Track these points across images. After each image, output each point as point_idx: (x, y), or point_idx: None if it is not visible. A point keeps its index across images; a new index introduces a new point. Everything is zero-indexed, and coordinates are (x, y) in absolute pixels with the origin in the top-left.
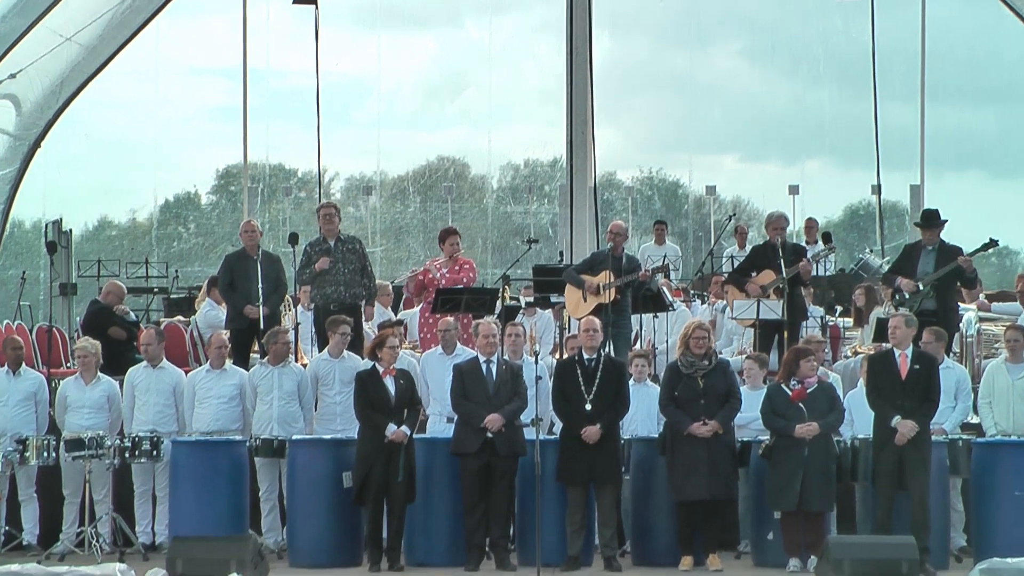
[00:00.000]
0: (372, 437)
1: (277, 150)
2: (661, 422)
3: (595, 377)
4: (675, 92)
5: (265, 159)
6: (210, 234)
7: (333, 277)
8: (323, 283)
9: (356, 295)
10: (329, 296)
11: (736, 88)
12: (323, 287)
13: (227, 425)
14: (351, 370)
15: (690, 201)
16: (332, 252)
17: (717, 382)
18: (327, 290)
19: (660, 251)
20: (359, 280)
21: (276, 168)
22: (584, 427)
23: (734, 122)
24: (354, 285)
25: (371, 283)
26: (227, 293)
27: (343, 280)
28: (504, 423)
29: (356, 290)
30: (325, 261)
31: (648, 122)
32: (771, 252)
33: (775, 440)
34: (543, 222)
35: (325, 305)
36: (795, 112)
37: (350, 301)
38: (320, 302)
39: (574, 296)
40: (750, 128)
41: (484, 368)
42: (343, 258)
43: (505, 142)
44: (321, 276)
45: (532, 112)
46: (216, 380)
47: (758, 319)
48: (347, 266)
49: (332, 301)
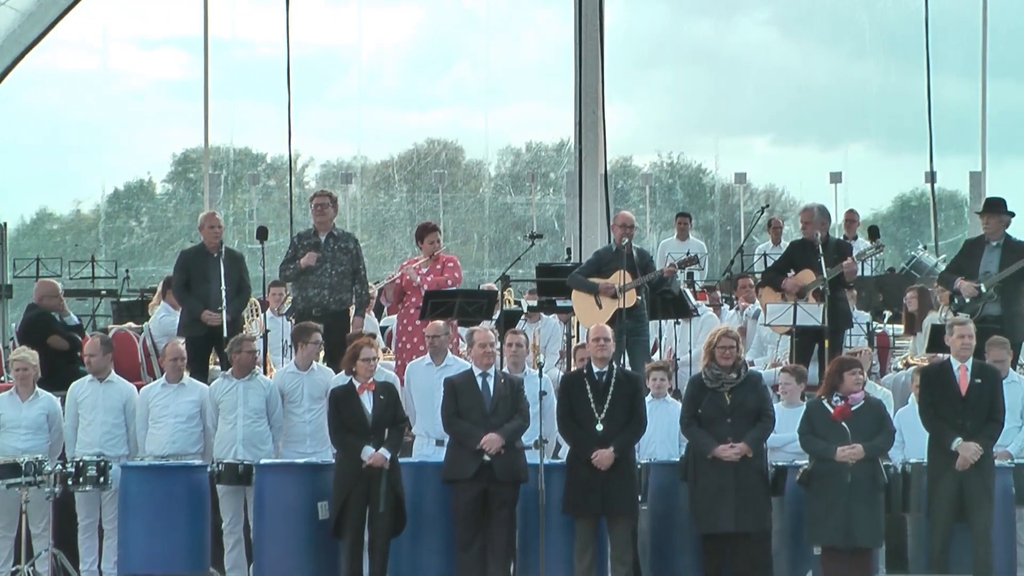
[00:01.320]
0: (349, 462)
1: (243, 132)
2: (683, 444)
3: (607, 392)
4: (699, 66)
5: (229, 142)
6: (166, 228)
7: (318, 278)
8: (306, 284)
9: (342, 301)
10: (311, 300)
11: (768, 61)
12: (305, 288)
13: (185, 447)
14: (321, 384)
15: (716, 191)
16: (321, 248)
17: (747, 398)
18: (309, 292)
19: (683, 247)
20: (348, 285)
21: (242, 153)
22: (595, 450)
23: (766, 100)
24: (341, 290)
25: (363, 290)
26: (182, 295)
27: (328, 283)
28: (503, 445)
29: (343, 296)
30: (312, 257)
31: (668, 100)
32: (810, 249)
33: (814, 465)
34: (548, 215)
35: (306, 310)
36: (836, 88)
37: (335, 307)
38: (301, 306)
39: (585, 303)
40: (784, 107)
41: (480, 382)
42: (332, 257)
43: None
44: (305, 275)
45: (535, 89)
46: (173, 396)
47: (795, 326)
48: (336, 267)
49: (314, 306)
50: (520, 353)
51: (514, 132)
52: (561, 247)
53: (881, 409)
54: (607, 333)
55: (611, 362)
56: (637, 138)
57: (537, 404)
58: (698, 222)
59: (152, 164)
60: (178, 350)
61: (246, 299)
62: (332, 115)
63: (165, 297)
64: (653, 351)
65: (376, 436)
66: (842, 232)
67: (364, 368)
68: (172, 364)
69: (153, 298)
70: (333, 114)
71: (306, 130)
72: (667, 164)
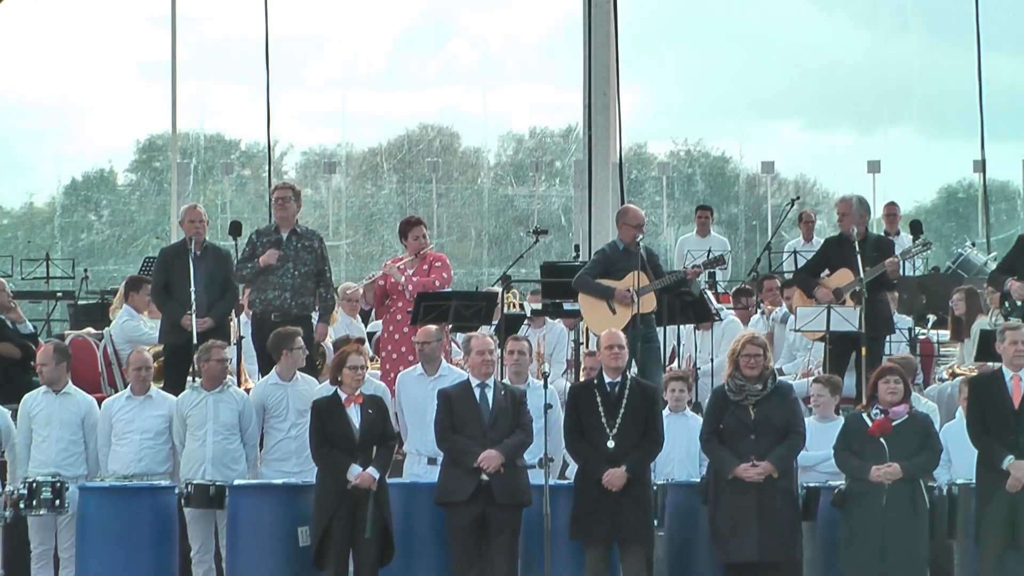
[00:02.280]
0: (333, 482)
1: (215, 116)
2: (704, 463)
3: (620, 405)
4: (720, 42)
5: (199, 128)
6: (128, 223)
7: (279, 280)
8: (265, 285)
9: (304, 305)
10: (270, 303)
11: (797, 37)
12: (264, 290)
13: (152, 467)
14: (307, 396)
15: (741, 181)
16: (283, 246)
17: (774, 411)
18: (268, 295)
19: (704, 244)
20: (311, 287)
21: (213, 139)
22: (605, 469)
23: (795, 81)
24: (303, 292)
25: (327, 293)
26: (161, 299)
27: (290, 284)
28: (503, 463)
29: (305, 299)
30: (272, 255)
31: (687, 81)
32: (847, 246)
33: (850, 485)
34: (553, 208)
35: (265, 315)
36: (873, 67)
37: (296, 312)
38: (259, 310)
39: (596, 310)
40: (816, 88)
41: (478, 393)
42: (295, 256)
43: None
44: (264, 275)
45: (539, 68)
46: (138, 409)
47: (829, 331)
48: (299, 267)
49: (273, 310)
50: (522, 362)
51: (516, 116)
52: (568, 244)
53: (927, 425)
54: (621, 340)
55: (624, 371)
56: (653, 123)
57: (541, 418)
58: (720, 216)
59: (113, 151)
60: (143, 358)
61: (231, 302)
62: (314, 97)
63: (128, 300)
64: (671, 359)
65: (363, 454)
66: (882, 227)
67: (351, 378)
68: (136, 374)
69: (114, 301)
70: (315, 96)
71: (285, 114)
72: (686, 152)
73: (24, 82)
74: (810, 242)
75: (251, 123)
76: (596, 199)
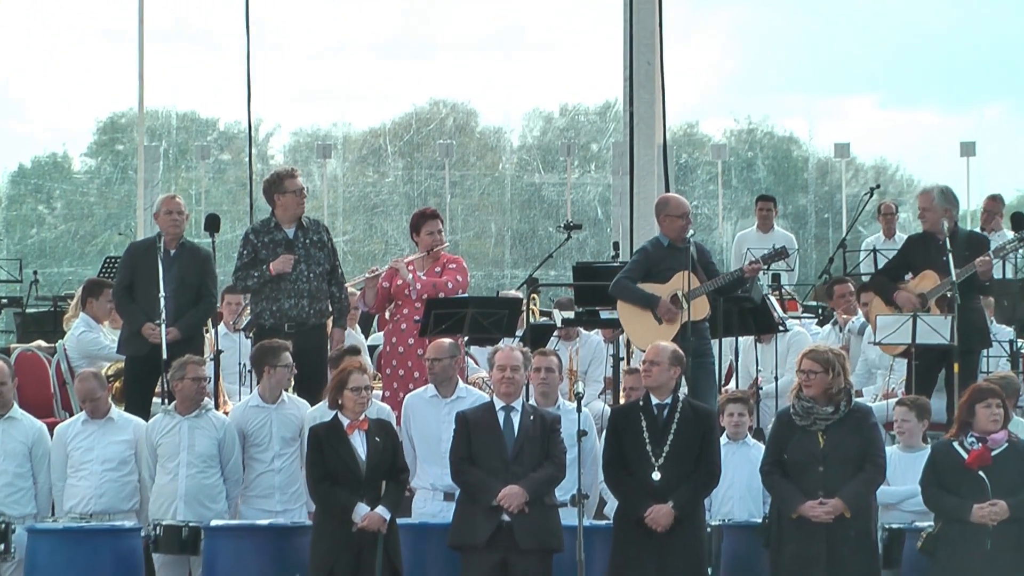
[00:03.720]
0: (334, 523)
1: (188, 92)
2: (768, 500)
3: (668, 431)
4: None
5: (171, 105)
6: (87, 217)
7: (293, 286)
8: (276, 293)
9: (323, 311)
10: (285, 314)
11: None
12: (276, 299)
13: (115, 504)
14: (294, 421)
15: (810, 167)
16: (292, 245)
17: (847, 439)
18: (284, 304)
19: (766, 242)
20: (326, 290)
21: (186, 118)
22: (649, 506)
23: (874, 49)
24: (320, 297)
25: (341, 292)
26: (124, 302)
27: (307, 290)
28: (527, 501)
29: (323, 305)
30: (287, 260)
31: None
32: (933, 244)
33: (941, 528)
34: (588, 198)
35: (277, 327)
36: (965, 34)
37: (315, 321)
38: (270, 322)
39: (638, 320)
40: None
41: (501, 418)
42: (307, 255)
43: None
44: (275, 281)
45: (571, 33)
46: (97, 435)
47: (914, 344)
48: (313, 268)
49: (289, 320)
50: (551, 381)
51: (544, 90)
52: (606, 241)
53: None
54: (662, 355)
55: (675, 392)
56: (705, 98)
57: (574, 447)
58: (786, 208)
59: (69, 133)
60: (89, 388)
61: (207, 312)
62: (304, 69)
63: (85, 308)
64: (727, 378)
65: (371, 490)
66: (977, 222)
67: (353, 400)
68: (86, 407)
69: (70, 309)
70: (305, 68)
71: (271, 89)
72: (745, 132)
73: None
74: (892, 239)
75: (230, 99)
76: (639, 188)
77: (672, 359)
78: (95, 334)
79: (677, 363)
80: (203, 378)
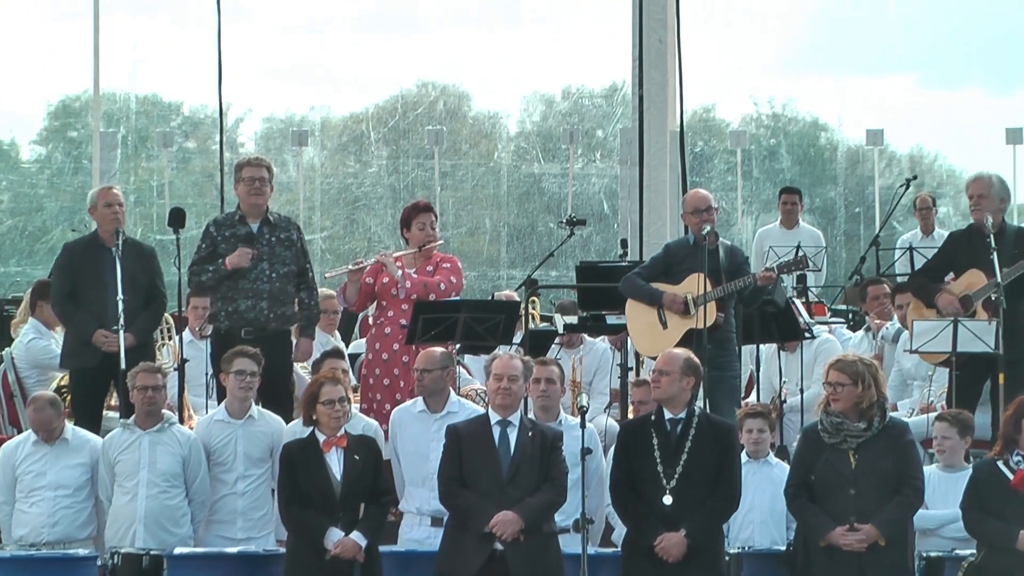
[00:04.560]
0: (308, 550)
1: (149, 73)
2: (793, 525)
3: (681, 450)
4: None
5: (130, 87)
6: (36, 211)
7: (252, 285)
8: (233, 293)
9: (285, 317)
10: (241, 316)
11: None
12: (232, 300)
13: (70, 532)
14: (262, 439)
15: (840, 155)
16: (254, 241)
17: (882, 458)
18: (240, 305)
19: (790, 239)
20: (291, 293)
21: (147, 101)
22: (660, 533)
23: (910, 24)
24: (284, 300)
25: (310, 298)
26: (66, 309)
27: (267, 291)
28: (522, 528)
29: (286, 309)
30: (244, 254)
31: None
32: (979, 240)
33: (984, 556)
34: (593, 190)
35: (232, 331)
36: (1013, 9)
37: (275, 326)
38: (224, 325)
39: (644, 320)
40: (936, 36)
41: (497, 433)
42: (271, 253)
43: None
44: (232, 280)
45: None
46: (51, 458)
47: (955, 352)
48: (276, 267)
49: (246, 324)
50: (552, 393)
51: (545, 71)
52: (613, 238)
53: None
54: (673, 364)
55: (690, 405)
56: (724, 80)
57: (578, 467)
58: (813, 202)
59: (16, 118)
60: (44, 418)
61: (159, 314)
62: (278, 47)
63: (35, 312)
64: (747, 390)
65: (347, 514)
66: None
67: (328, 415)
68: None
69: (17, 313)
70: (280, 45)
71: (241, 70)
72: (767, 117)
73: None
74: (930, 235)
75: (196, 81)
76: (649, 179)
77: (685, 368)
78: (46, 341)
79: (691, 372)
80: (157, 386)
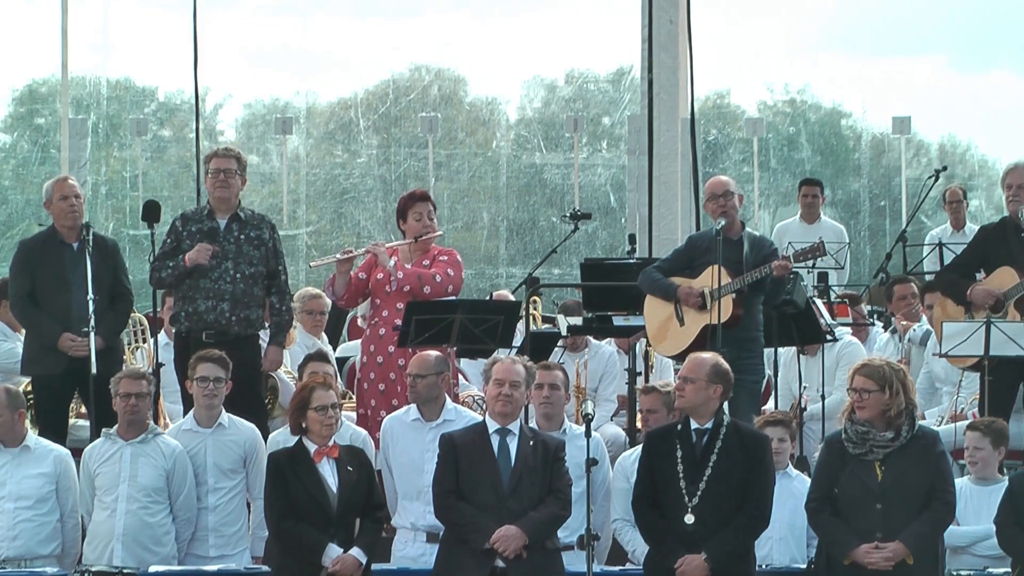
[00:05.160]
0: (299, 567)
1: (121, 56)
2: (814, 541)
3: (706, 464)
4: None
5: (100, 70)
6: (0, 204)
7: (213, 285)
8: (193, 293)
9: (249, 321)
10: (201, 318)
11: None
12: (192, 300)
13: (32, 548)
14: (235, 449)
15: (863, 144)
16: (219, 237)
17: (910, 470)
18: (200, 306)
19: (810, 234)
20: (258, 296)
21: (119, 86)
22: (681, 555)
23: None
24: (248, 303)
25: (282, 303)
26: (26, 311)
27: (229, 292)
28: (527, 544)
29: (250, 312)
30: (204, 251)
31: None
32: (1012, 235)
33: (1020, 574)
34: (599, 182)
35: (192, 333)
36: None
37: (238, 330)
38: (184, 327)
39: (660, 314)
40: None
41: (496, 443)
42: (237, 252)
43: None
44: (193, 279)
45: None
46: (11, 467)
47: (988, 356)
48: (242, 267)
49: (205, 327)
50: (555, 399)
51: (546, 54)
52: (620, 233)
53: None
54: (699, 369)
55: (718, 415)
56: (739, 65)
57: (583, 479)
58: (835, 195)
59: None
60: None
61: (126, 313)
62: (261, 28)
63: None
64: (765, 397)
65: (343, 529)
66: None
67: (319, 423)
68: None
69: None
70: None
71: (219, 51)
72: (785, 103)
73: None
74: (960, 231)
75: (172, 65)
76: (659, 170)
77: (712, 375)
78: (10, 344)
79: (719, 380)
80: (136, 394)
